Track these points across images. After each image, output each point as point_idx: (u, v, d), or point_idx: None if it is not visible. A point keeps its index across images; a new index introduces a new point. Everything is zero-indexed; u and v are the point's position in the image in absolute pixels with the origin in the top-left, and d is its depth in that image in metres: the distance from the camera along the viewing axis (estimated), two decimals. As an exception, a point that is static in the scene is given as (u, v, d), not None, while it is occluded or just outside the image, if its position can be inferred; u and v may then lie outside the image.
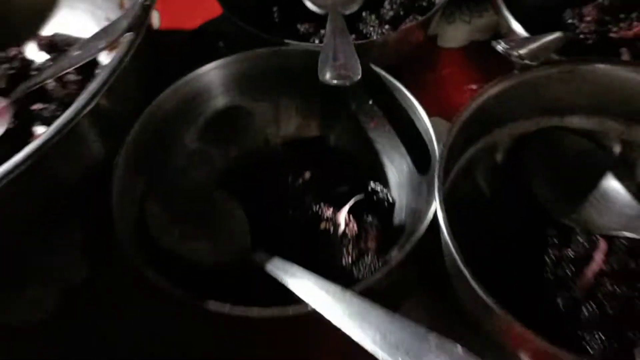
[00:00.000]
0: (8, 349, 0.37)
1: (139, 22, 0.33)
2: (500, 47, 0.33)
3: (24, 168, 0.32)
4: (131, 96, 0.38)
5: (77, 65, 0.42)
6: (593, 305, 0.33)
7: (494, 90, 0.35)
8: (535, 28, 0.44)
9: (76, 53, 0.40)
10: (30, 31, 0.50)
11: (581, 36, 0.45)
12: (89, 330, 0.38)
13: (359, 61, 0.36)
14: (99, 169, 0.37)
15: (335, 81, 0.34)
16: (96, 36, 0.40)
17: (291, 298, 0.31)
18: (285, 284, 0.31)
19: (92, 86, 0.32)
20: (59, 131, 0.31)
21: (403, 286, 0.38)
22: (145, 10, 0.33)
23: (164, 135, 0.38)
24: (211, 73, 0.39)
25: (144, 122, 0.37)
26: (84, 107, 0.32)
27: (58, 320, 0.38)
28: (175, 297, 0.31)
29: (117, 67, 0.32)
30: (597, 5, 0.48)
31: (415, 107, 0.38)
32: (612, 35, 0.46)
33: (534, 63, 0.35)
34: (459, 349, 0.26)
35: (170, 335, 0.37)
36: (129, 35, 0.32)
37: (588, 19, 0.46)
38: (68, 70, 0.42)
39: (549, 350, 0.28)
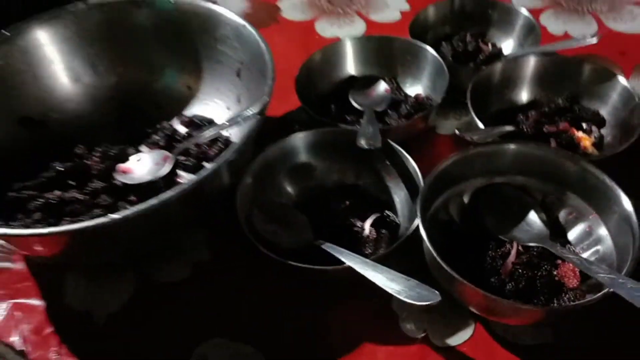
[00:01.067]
0: (158, 298, 0.63)
1: (264, 109, 0.60)
2: (457, 132, 0.60)
3: (192, 188, 0.57)
4: (247, 151, 0.64)
5: (214, 136, 0.70)
6: (512, 283, 0.57)
7: (454, 158, 0.61)
8: (495, 123, 0.70)
9: (220, 125, 0.68)
10: (176, 112, 0.77)
11: (524, 130, 0.71)
12: (210, 290, 0.63)
13: (380, 137, 0.62)
14: (226, 192, 0.63)
15: (365, 146, 0.61)
16: (230, 120, 0.68)
17: (334, 263, 0.56)
18: (334, 255, 0.56)
19: (236, 146, 0.58)
20: (216, 168, 0.57)
21: (410, 269, 0.60)
22: (267, 103, 0.61)
23: (265, 174, 0.65)
24: (295, 140, 0.66)
25: (255, 166, 0.64)
26: (232, 155, 0.58)
27: (190, 282, 0.64)
28: (275, 261, 0.56)
29: (250, 135, 0.59)
30: (539, 111, 0.73)
31: (415, 168, 0.63)
32: (545, 130, 0.71)
33: (480, 143, 0.61)
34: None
35: (252, 291, 0.62)
36: (257, 116, 0.60)
37: (531, 119, 0.72)
38: (208, 137, 0.70)
39: (489, 299, 0.51)
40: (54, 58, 0.74)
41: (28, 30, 0.72)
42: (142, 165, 0.69)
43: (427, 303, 0.49)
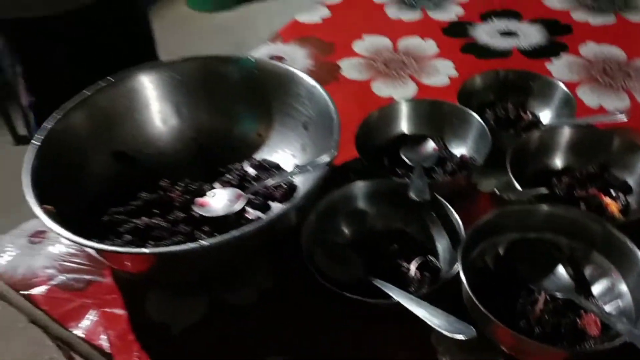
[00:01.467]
0: (228, 317, 0.72)
1: (331, 161, 0.70)
2: (497, 191, 0.69)
3: (267, 225, 0.67)
4: (313, 196, 0.74)
5: (283, 180, 0.80)
6: (540, 327, 0.65)
7: (492, 214, 0.69)
8: (531, 185, 0.79)
9: (291, 172, 0.79)
10: (247, 155, 0.88)
11: (557, 192, 0.79)
12: (273, 314, 0.72)
13: (429, 191, 0.72)
14: (292, 230, 0.72)
15: (416, 198, 0.70)
16: (300, 167, 0.78)
17: (383, 297, 0.64)
18: (384, 290, 0.65)
19: (306, 192, 0.68)
20: (287, 210, 0.67)
21: (449, 309, 0.68)
22: (334, 155, 0.71)
23: (326, 216, 0.74)
24: (355, 188, 0.76)
25: (319, 208, 0.74)
26: (301, 200, 0.68)
27: (257, 305, 0.73)
28: (331, 292, 0.65)
29: (319, 183, 0.69)
30: (571, 176, 0.82)
31: (457, 219, 0.72)
32: (576, 194, 0.79)
33: (515, 201, 0.69)
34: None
35: (313, 316, 0.71)
36: (325, 167, 0.70)
37: (564, 183, 0.80)
38: (279, 182, 0.81)
39: (519, 339, 0.59)
40: (149, 102, 0.86)
41: (131, 78, 0.84)
42: (217, 201, 0.80)
43: (465, 337, 0.57)
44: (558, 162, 0.85)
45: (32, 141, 0.74)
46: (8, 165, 2.24)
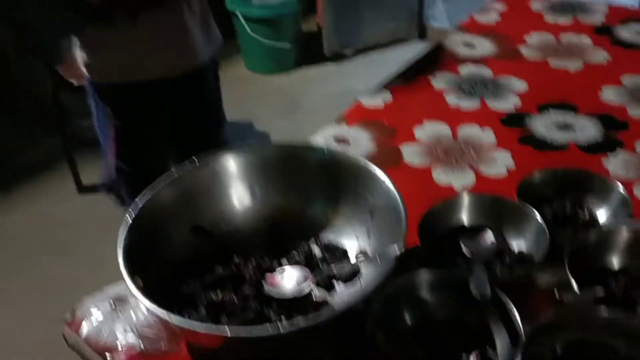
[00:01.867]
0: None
1: (399, 254, 0.76)
2: (556, 293, 0.72)
3: (339, 314, 0.72)
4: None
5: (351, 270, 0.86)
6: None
7: (551, 315, 0.73)
8: (588, 281, 0.81)
9: (357, 261, 0.84)
10: (313, 235, 0.94)
11: (614, 292, 0.81)
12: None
13: (489, 289, 0.76)
14: (357, 314, 0.77)
15: (478, 297, 0.74)
16: (368, 258, 0.84)
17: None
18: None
19: (375, 284, 0.73)
20: (356, 301, 0.73)
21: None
22: (402, 250, 0.76)
23: (389, 302, 0.79)
24: (417, 277, 0.81)
25: (383, 295, 0.78)
26: (369, 291, 0.73)
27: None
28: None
29: (386, 274, 0.74)
30: (628, 276, 0.84)
31: (515, 314, 0.75)
32: (633, 295, 0.82)
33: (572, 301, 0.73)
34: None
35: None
36: (393, 260, 0.75)
37: (620, 284, 0.83)
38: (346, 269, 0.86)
39: None
40: (228, 183, 0.94)
41: (213, 160, 0.93)
42: (286, 280, 0.85)
43: None
44: (615, 261, 0.87)
45: (126, 216, 0.82)
46: (71, 214, 2.38)
